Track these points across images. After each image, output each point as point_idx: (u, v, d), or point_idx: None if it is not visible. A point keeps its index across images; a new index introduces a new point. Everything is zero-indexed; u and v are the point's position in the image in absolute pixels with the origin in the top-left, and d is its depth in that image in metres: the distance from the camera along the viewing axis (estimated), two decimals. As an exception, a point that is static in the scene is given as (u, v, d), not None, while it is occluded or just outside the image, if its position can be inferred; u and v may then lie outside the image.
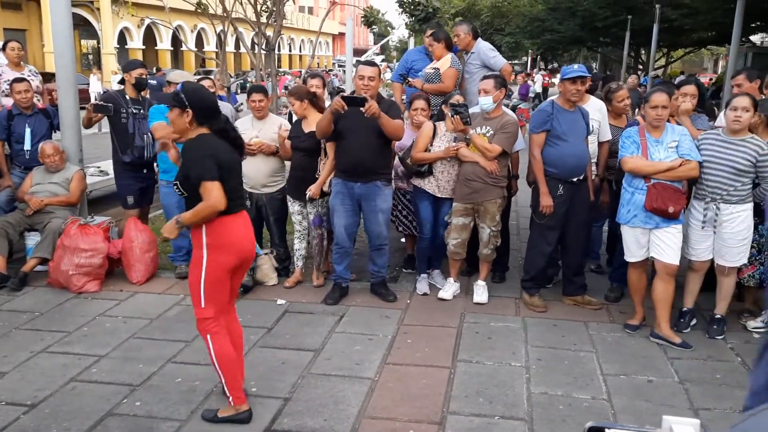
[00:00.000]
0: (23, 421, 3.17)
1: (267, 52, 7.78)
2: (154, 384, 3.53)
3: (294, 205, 5.09)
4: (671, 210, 4.03)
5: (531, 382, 3.66)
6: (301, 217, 5.13)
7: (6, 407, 3.29)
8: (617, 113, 5.20)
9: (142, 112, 5.44)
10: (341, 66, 41.90)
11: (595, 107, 4.91)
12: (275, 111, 7.17)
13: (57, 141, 5.54)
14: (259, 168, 5.09)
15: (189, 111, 3.03)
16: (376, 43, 52.20)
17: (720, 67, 44.67)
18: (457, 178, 4.80)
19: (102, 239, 5.01)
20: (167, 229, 3.13)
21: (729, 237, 4.13)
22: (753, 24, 21.26)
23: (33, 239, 5.22)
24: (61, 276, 4.89)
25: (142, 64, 5.78)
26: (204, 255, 3.05)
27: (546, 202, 4.50)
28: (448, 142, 4.81)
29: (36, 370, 3.70)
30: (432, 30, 5.80)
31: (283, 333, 4.26)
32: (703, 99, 5.04)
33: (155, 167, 5.52)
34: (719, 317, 4.31)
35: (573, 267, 4.81)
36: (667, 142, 4.14)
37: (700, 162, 4.10)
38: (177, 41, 33.55)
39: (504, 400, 3.45)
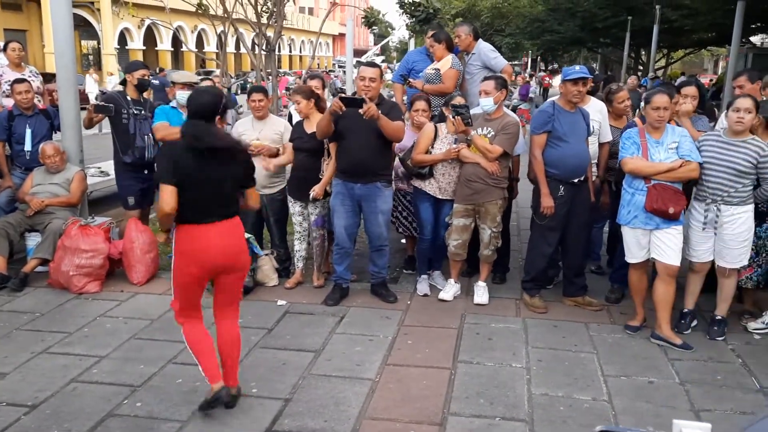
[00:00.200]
0: (24, 422, 3.17)
1: (267, 52, 7.78)
2: (154, 385, 3.53)
3: (295, 206, 5.09)
4: (671, 211, 4.03)
5: (532, 383, 3.65)
6: (302, 218, 5.12)
7: (7, 408, 3.29)
8: (618, 114, 5.20)
9: (143, 112, 5.44)
10: (341, 67, 41.91)
11: (596, 108, 4.92)
12: (275, 112, 7.17)
13: (58, 142, 5.55)
14: (259, 169, 5.07)
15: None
16: (376, 44, 52.22)
17: (720, 68, 44.70)
18: (458, 179, 4.80)
19: (103, 240, 5.01)
20: (158, 233, 3.28)
21: (730, 238, 4.13)
22: (753, 25, 21.29)
23: (34, 240, 5.23)
24: (62, 277, 4.89)
25: (144, 65, 5.79)
26: (173, 258, 3.22)
27: (547, 203, 4.51)
28: (449, 144, 4.81)
29: (37, 370, 3.70)
30: (433, 31, 5.81)
31: (284, 334, 4.26)
32: (704, 100, 5.04)
33: (156, 168, 5.52)
34: (720, 318, 4.31)
35: (573, 268, 4.81)
36: (668, 143, 4.14)
37: (700, 163, 4.11)
38: (177, 42, 33.59)
39: (505, 401, 3.45)
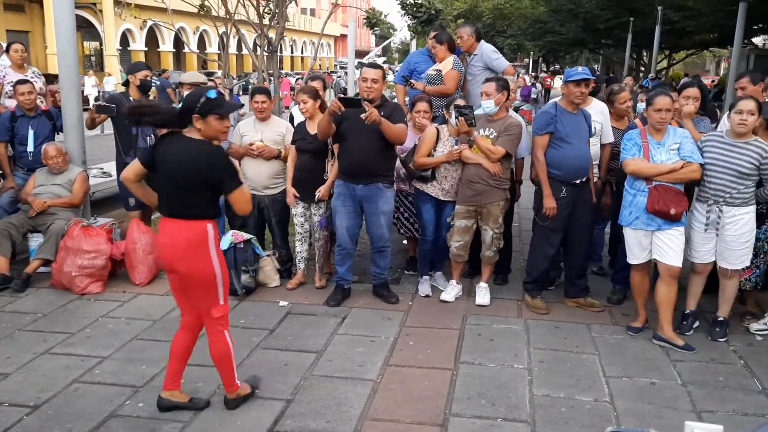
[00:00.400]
0: (26, 423, 3.18)
1: (269, 53, 7.78)
2: (157, 385, 3.53)
3: (298, 207, 5.09)
4: (673, 212, 4.02)
5: (533, 384, 3.65)
6: (303, 219, 5.12)
7: (9, 408, 3.30)
8: (619, 115, 5.20)
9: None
10: (343, 68, 41.93)
11: (597, 109, 4.91)
12: (277, 113, 7.17)
13: (60, 142, 5.56)
14: (261, 170, 5.10)
15: None
16: (378, 45, 52.26)
17: (722, 69, 44.64)
18: (460, 180, 4.80)
19: (105, 241, 5.02)
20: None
21: (732, 239, 4.13)
22: (755, 26, 21.29)
23: (36, 241, 5.24)
24: (64, 277, 4.90)
25: (146, 66, 5.79)
26: None
27: (549, 204, 4.50)
28: (451, 146, 4.80)
29: (39, 371, 3.70)
30: (435, 32, 5.81)
31: (286, 335, 4.27)
32: (706, 101, 5.04)
33: None
34: (722, 319, 4.31)
35: (575, 269, 4.81)
36: (669, 144, 4.13)
37: (702, 164, 4.10)
38: (179, 43, 33.63)
39: (506, 402, 3.45)
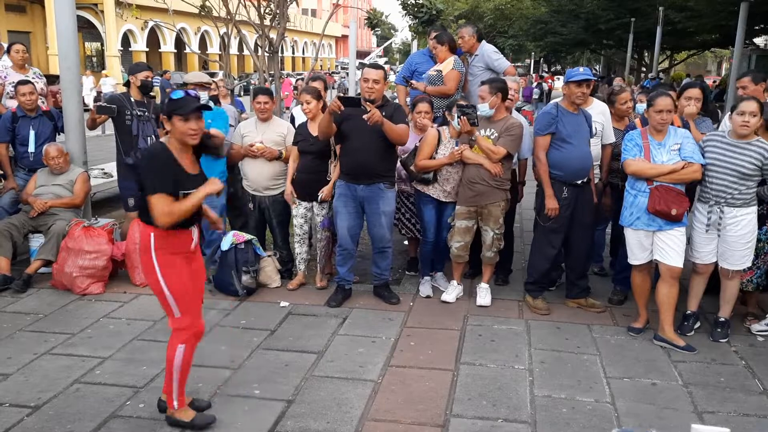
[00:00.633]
0: (27, 423, 3.17)
1: (270, 54, 7.78)
2: (157, 386, 3.52)
3: (299, 208, 5.08)
4: (674, 212, 4.02)
5: (534, 384, 3.65)
6: (303, 221, 5.12)
7: (10, 409, 3.30)
8: (620, 115, 5.19)
9: (146, 114, 5.45)
10: (344, 68, 41.94)
11: (599, 110, 4.91)
12: (278, 113, 7.17)
13: (61, 143, 5.56)
14: (261, 171, 5.10)
15: None
16: (379, 46, 52.27)
17: (723, 70, 44.64)
18: (461, 181, 4.80)
19: (106, 241, 5.02)
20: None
21: (733, 240, 4.12)
22: (757, 27, 21.28)
23: (37, 241, 5.24)
24: (65, 278, 4.90)
25: (147, 67, 5.79)
26: None
27: (551, 204, 4.50)
28: (452, 148, 4.80)
29: (40, 371, 3.70)
30: (436, 33, 5.81)
31: (286, 335, 4.26)
32: (707, 102, 5.03)
33: None
34: (723, 320, 4.30)
35: (576, 270, 4.80)
36: (670, 144, 4.13)
37: (703, 165, 4.10)
38: (180, 44, 33.64)
39: (507, 402, 3.44)
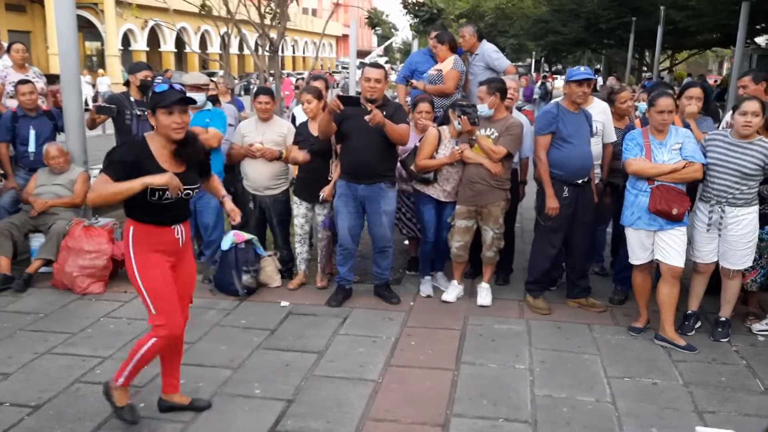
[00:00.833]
0: (27, 422, 3.18)
1: (271, 54, 7.78)
2: (157, 385, 3.51)
3: (300, 208, 5.08)
4: (675, 212, 4.01)
5: (535, 384, 3.65)
6: (304, 221, 5.12)
7: (10, 408, 3.30)
8: (620, 115, 5.18)
9: (146, 113, 5.43)
10: (345, 67, 41.95)
11: (600, 109, 4.90)
12: (279, 113, 7.16)
13: (61, 143, 5.56)
14: (262, 171, 5.09)
15: None
16: (379, 45, 52.25)
17: (725, 69, 44.57)
18: (461, 180, 4.80)
19: (106, 241, 5.02)
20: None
21: (734, 240, 4.12)
22: (758, 26, 21.25)
23: (37, 241, 5.24)
24: (66, 277, 4.90)
25: (147, 66, 5.79)
26: None
27: (552, 204, 4.50)
28: (452, 148, 4.79)
29: (40, 371, 3.70)
30: (436, 32, 5.80)
31: (287, 335, 4.26)
32: (709, 102, 5.02)
33: None
34: (724, 320, 4.30)
35: (577, 269, 4.80)
36: (671, 144, 4.12)
37: (704, 164, 4.09)
38: (181, 43, 33.64)
39: (508, 402, 3.44)
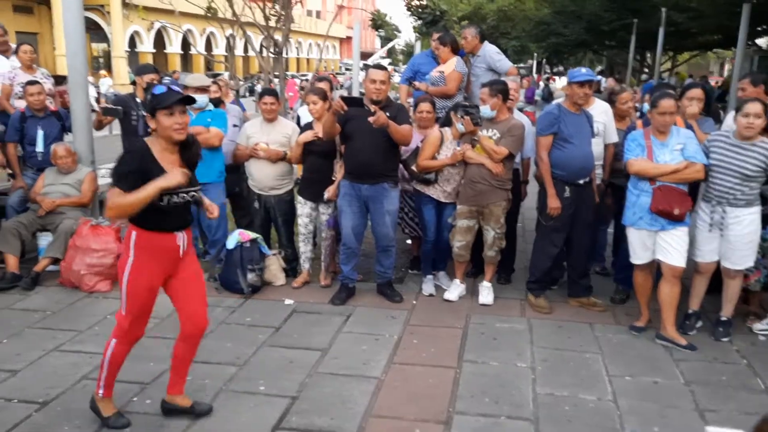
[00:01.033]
0: (35, 419, 3.22)
1: (276, 55, 7.83)
2: (164, 382, 3.55)
3: (305, 208, 5.12)
4: (676, 212, 4.04)
5: (537, 382, 3.68)
6: (308, 220, 5.15)
7: (18, 404, 3.34)
8: (621, 115, 5.21)
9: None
10: (348, 69, 41.99)
11: (601, 109, 4.93)
12: (283, 114, 7.22)
13: (69, 143, 5.61)
14: (267, 171, 5.12)
15: None
16: (382, 47, 52.29)
17: (726, 71, 44.49)
18: (462, 180, 4.83)
19: (113, 240, 5.06)
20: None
21: (735, 240, 4.14)
22: (759, 27, 21.21)
23: (45, 239, 5.29)
24: (73, 276, 4.95)
25: (155, 69, 5.82)
26: None
27: (554, 204, 4.53)
28: (454, 149, 4.83)
29: (48, 368, 3.75)
30: (439, 34, 5.84)
31: (291, 332, 4.30)
32: (710, 103, 5.05)
33: None
34: (725, 319, 4.32)
35: (578, 269, 4.83)
36: (673, 144, 4.15)
37: (706, 165, 4.11)
38: (186, 45, 33.73)
39: (510, 400, 3.47)
